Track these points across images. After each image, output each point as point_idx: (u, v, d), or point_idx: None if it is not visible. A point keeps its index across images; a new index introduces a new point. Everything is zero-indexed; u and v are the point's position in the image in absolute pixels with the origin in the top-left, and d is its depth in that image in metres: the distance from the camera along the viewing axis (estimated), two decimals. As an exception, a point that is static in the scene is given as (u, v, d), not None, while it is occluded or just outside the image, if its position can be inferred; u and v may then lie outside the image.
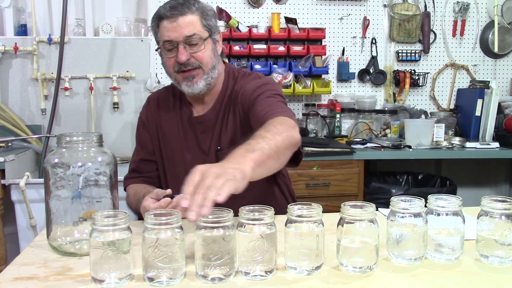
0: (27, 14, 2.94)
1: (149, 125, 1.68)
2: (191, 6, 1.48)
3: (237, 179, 1.01)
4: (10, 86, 2.90)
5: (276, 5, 3.19)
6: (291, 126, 1.30)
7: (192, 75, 1.50)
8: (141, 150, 1.70)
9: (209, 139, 1.58)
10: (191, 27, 1.47)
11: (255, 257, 0.99)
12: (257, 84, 1.53)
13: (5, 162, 2.34)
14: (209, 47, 1.52)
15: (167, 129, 1.64)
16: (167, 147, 1.64)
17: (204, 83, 1.52)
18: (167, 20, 1.47)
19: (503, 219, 1.07)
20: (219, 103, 1.59)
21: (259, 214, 1.00)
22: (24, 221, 2.44)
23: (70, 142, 1.17)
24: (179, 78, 1.52)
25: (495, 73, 3.44)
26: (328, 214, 1.22)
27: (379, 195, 2.67)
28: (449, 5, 3.35)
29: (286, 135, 1.23)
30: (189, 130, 1.61)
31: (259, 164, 1.10)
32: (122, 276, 0.98)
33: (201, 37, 1.49)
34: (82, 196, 1.16)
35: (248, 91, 1.51)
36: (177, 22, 1.46)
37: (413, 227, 1.07)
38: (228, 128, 1.56)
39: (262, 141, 1.16)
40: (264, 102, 1.45)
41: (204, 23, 1.50)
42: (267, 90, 1.50)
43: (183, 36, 1.47)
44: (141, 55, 2.99)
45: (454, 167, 3.34)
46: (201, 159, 1.56)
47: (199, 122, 1.60)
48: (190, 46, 1.48)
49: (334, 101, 3.14)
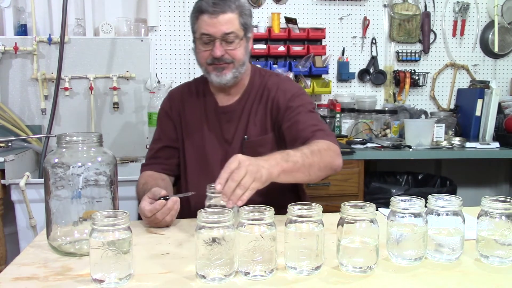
0: (27, 14, 2.93)
1: (172, 115, 1.73)
2: (231, 4, 1.54)
3: (262, 181, 1.24)
4: (10, 86, 2.90)
5: (276, 5, 3.18)
6: (336, 154, 1.49)
7: (222, 67, 1.58)
8: (162, 138, 1.74)
9: (233, 129, 1.66)
10: (230, 25, 1.54)
11: (255, 257, 0.99)
12: (294, 89, 1.66)
13: (5, 162, 2.34)
14: (243, 45, 1.60)
15: (190, 118, 1.70)
16: (189, 135, 1.70)
17: (232, 76, 1.59)
18: (208, 15, 1.53)
19: (503, 219, 1.07)
20: (246, 96, 1.67)
21: (259, 214, 1.00)
22: (24, 221, 2.44)
23: (70, 142, 1.17)
24: (209, 69, 1.60)
25: (495, 73, 3.44)
26: (328, 214, 1.22)
27: (379, 195, 2.67)
28: (449, 5, 3.35)
29: (327, 160, 1.43)
30: (214, 119, 1.68)
31: (286, 172, 1.32)
32: (122, 276, 0.98)
33: (238, 36, 1.56)
34: (82, 196, 1.16)
35: (287, 94, 1.63)
36: (218, 18, 1.52)
37: (413, 227, 1.07)
38: (257, 120, 1.64)
39: (299, 155, 1.37)
40: (308, 118, 1.58)
41: (242, 22, 1.57)
42: (306, 103, 1.63)
43: (222, 32, 1.53)
44: (141, 55, 2.98)
45: (454, 167, 3.34)
46: (223, 148, 1.66)
47: (224, 112, 1.67)
48: (226, 43, 1.55)
49: (334, 101, 3.14)
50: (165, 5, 3.06)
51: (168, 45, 3.09)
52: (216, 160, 1.64)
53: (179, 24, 3.09)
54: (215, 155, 1.65)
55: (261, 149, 1.62)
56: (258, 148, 1.62)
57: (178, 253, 1.18)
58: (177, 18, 3.08)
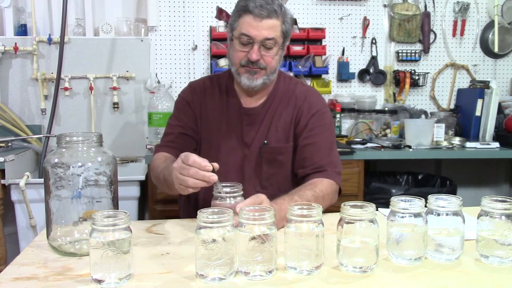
0: (27, 14, 2.93)
1: (194, 106, 1.67)
2: (277, 10, 1.52)
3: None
4: (10, 86, 2.90)
5: (276, 5, 3.18)
6: (335, 193, 1.56)
7: (255, 71, 1.56)
8: (182, 125, 1.66)
9: (254, 132, 1.63)
10: (272, 30, 1.51)
11: (255, 257, 0.99)
12: (319, 105, 1.67)
13: (5, 162, 2.34)
14: (279, 53, 1.57)
15: (211, 115, 1.66)
16: (207, 131, 1.66)
17: (261, 81, 1.57)
18: (253, 16, 1.49)
19: (503, 219, 1.07)
20: (271, 100, 1.65)
21: (259, 214, 1.00)
22: (24, 221, 2.44)
23: (70, 142, 1.17)
24: (241, 70, 1.57)
25: (495, 73, 3.44)
26: (328, 214, 1.22)
27: (379, 195, 2.67)
28: (449, 5, 3.34)
29: (327, 204, 1.49)
30: (235, 120, 1.65)
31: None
32: (122, 276, 0.98)
33: (277, 43, 1.54)
34: (82, 196, 1.16)
35: (312, 108, 1.64)
36: (262, 22, 1.49)
37: (413, 227, 1.07)
38: (279, 125, 1.63)
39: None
40: (324, 142, 1.61)
41: (283, 29, 1.54)
42: (327, 123, 1.65)
43: (263, 37, 1.51)
44: (141, 55, 2.99)
45: (454, 167, 3.34)
46: (241, 150, 1.63)
47: (247, 114, 1.64)
48: (264, 48, 1.52)
49: (334, 101, 3.14)
50: (165, 5, 3.06)
51: (168, 45, 3.09)
52: (231, 161, 1.61)
53: (179, 24, 3.09)
54: (231, 156, 1.62)
55: (280, 157, 1.61)
56: (277, 156, 1.61)
57: (178, 253, 1.18)
58: (177, 18, 3.08)
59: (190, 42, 3.09)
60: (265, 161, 1.61)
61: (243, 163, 1.61)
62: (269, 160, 1.60)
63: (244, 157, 1.62)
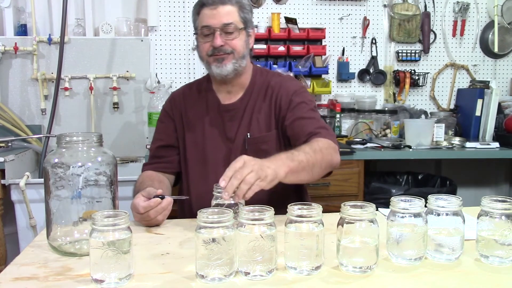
0: (27, 14, 2.93)
1: (174, 114, 1.76)
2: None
3: (267, 180, 1.24)
4: (10, 86, 2.90)
5: (276, 5, 3.18)
6: (335, 151, 1.53)
7: (222, 58, 1.61)
8: (161, 137, 1.77)
9: (235, 127, 1.68)
10: (229, 16, 1.59)
11: (255, 257, 0.99)
12: (296, 87, 1.69)
13: (5, 162, 2.34)
14: (243, 37, 1.63)
15: (193, 117, 1.72)
16: (190, 133, 1.72)
17: (232, 67, 1.62)
18: (208, 8, 1.59)
19: (503, 219, 1.07)
20: (248, 94, 1.70)
21: (259, 214, 1.00)
22: (24, 221, 2.44)
23: (70, 142, 1.17)
24: (210, 60, 1.63)
25: (495, 73, 3.44)
26: (328, 214, 1.22)
27: (379, 195, 2.67)
28: (449, 5, 3.35)
29: (327, 159, 1.47)
30: (217, 118, 1.70)
31: (293, 172, 1.33)
32: (122, 276, 0.98)
33: (237, 27, 1.60)
34: (82, 196, 1.16)
35: (290, 91, 1.66)
36: (217, 10, 1.58)
37: (413, 227, 1.07)
38: (260, 117, 1.67)
39: (303, 155, 1.38)
40: (310, 114, 1.62)
41: (241, 15, 1.62)
42: (308, 100, 1.67)
43: (221, 23, 1.58)
44: (141, 55, 2.99)
45: (454, 167, 3.33)
46: (226, 146, 1.68)
47: (227, 110, 1.69)
48: (226, 34, 1.59)
49: (334, 101, 3.14)
50: (165, 5, 3.06)
51: (168, 45, 3.09)
52: (218, 158, 1.65)
53: (179, 24, 3.09)
54: (217, 153, 1.66)
55: (264, 146, 1.64)
56: (261, 145, 1.64)
57: (178, 253, 1.18)
58: (177, 18, 3.08)
59: (190, 42, 3.09)
60: (250, 153, 1.58)
61: (230, 158, 1.62)
62: (254, 151, 1.59)
63: (229, 152, 1.65)
